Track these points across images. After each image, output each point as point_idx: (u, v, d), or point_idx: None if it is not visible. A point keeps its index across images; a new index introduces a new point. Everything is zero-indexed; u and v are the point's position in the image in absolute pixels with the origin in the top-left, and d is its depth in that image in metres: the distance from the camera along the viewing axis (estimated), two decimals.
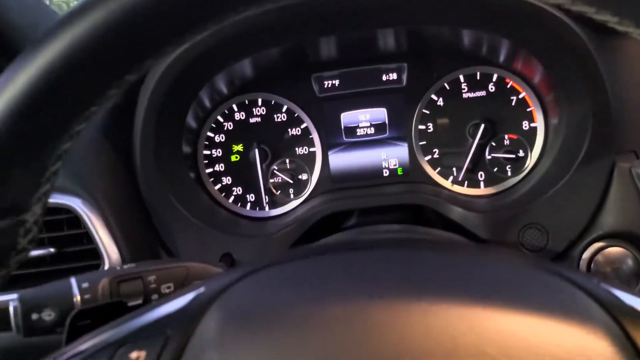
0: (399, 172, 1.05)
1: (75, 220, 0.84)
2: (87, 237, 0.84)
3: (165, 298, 0.44)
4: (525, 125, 1.01)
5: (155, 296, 0.61)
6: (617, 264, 0.87)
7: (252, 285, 0.43)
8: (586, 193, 0.88)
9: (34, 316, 0.56)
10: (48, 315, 0.56)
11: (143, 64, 0.33)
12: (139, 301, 0.60)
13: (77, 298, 0.57)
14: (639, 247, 0.86)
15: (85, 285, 0.58)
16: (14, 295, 0.56)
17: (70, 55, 0.30)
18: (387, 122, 1.05)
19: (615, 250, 0.87)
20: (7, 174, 0.33)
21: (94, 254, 0.84)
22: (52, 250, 0.83)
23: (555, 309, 0.35)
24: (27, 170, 0.34)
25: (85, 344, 0.39)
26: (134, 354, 0.36)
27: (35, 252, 0.82)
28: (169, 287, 0.62)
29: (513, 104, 1.01)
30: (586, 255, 0.88)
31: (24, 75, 0.31)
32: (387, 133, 1.05)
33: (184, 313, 0.40)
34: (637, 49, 0.87)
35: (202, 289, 0.43)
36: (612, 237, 0.88)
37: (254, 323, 0.36)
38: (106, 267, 0.84)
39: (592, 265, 0.88)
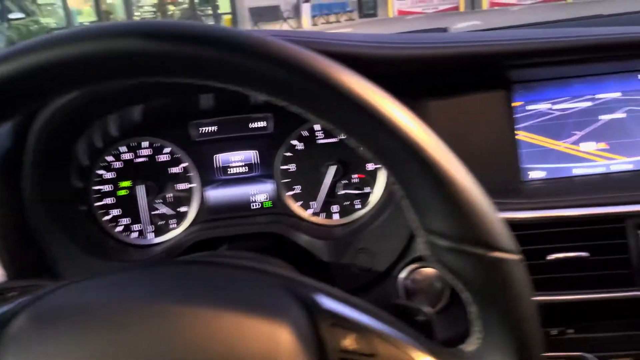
0: (267, 205, 1.23)
1: None
2: None
3: None
4: (370, 166, 1.21)
5: None
6: (429, 281, 1.06)
7: (64, 293, 0.58)
8: (403, 223, 1.07)
9: None
10: None
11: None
12: None
13: None
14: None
15: None
16: None
17: None
18: (255, 163, 1.23)
19: (427, 271, 1.06)
20: None
21: None
22: None
23: (258, 304, 0.52)
24: None
25: None
26: None
27: None
28: None
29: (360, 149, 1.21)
30: (403, 274, 1.07)
31: None
32: (257, 172, 1.23)
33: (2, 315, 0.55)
34: (439, 108, 1.08)
35: (26, 298, 0.58)
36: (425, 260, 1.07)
37: (51, 323, 0.52)
38: None
39: (409, 283, 1.07)
